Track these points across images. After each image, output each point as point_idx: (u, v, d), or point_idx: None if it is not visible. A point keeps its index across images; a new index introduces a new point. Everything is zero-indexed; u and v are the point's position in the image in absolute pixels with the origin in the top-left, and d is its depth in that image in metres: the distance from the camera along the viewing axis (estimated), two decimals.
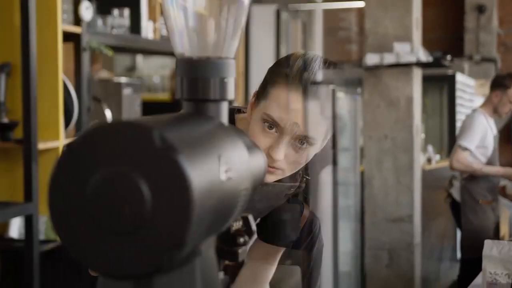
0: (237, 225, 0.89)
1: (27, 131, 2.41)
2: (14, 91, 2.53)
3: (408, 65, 5.35)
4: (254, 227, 0.91)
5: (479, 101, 8.49)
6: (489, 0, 9.53)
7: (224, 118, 0.84)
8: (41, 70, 2.53)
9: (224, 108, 0.85)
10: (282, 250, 1.40)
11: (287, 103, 1.26)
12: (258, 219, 1.32)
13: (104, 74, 4.92)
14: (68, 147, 0.67)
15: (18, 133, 2.50)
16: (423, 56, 5.47)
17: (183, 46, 0.85)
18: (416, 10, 5.63)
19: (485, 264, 2.02)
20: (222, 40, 0.85)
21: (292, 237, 1.36)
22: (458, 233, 5.17)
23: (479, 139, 4.48)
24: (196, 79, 0.83)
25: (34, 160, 2.40)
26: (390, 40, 5.43)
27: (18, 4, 2.47)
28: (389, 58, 5.33)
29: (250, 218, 0.89)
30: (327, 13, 8.82)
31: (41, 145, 2.50)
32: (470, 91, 7.87)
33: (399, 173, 4.98)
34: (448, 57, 5.91)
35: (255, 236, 0.90)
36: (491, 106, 4.58)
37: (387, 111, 4.97)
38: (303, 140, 1.27)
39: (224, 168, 0.73)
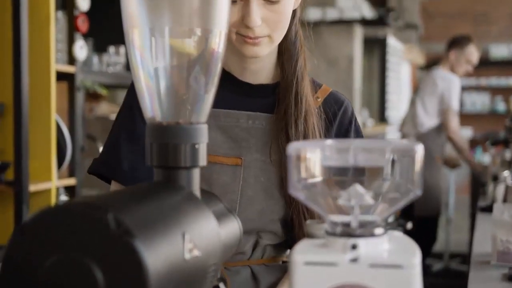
0: None
1: (18, 174, 2.38)
2: (6, 131, 2.51)
3: (350, 22, 5.21)
4: None
5: (406, 66, 8.51)
6: None
7: (196, 185, 0.81)
8: (34, 110, 2.51)
9: (196, 175, 0.81)
10: None
11: None
12: None
13: (104, 107, 4.90)
14: (20, 228, 0.63)
15: (9, 174, 2.47)
16: (367, 11, 5.36)
17: (154, 110, 0.82)
18: None
19: (495, 230, 1.79)
20: (193, 104, 0.82)
21: None
22: None
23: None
24: (166, 145, 0.79)
25: (25, 203, 2.37)
26: None
27: (11, 43, 2.46)
28: (332, 13, 5.21)
29: (222, 286, 0.85)
30: None
31: (33, 187, 2.46)
32: (399, 56, 7.81)
33: None
34: (392, 14, 5.79)
35: None
36: (449, 67, 4.59)
37: (326, 71, 4.77)
38: None
39: (189, 246, 0.69)
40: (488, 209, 2.92)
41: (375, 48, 7.01)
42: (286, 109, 1.25)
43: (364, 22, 5.30)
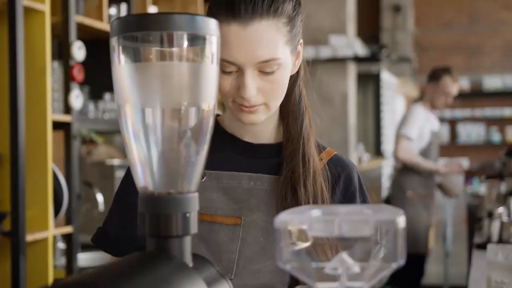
0: None
1: (15, 224, 2.40)
2: (3, 182, 2.53)
3: (343, 60, 5.26)
4: None
5: (400, 99, 8.59)
6: (404, 0, 9.61)
7: (187, 252, 0.83)
8: (30, 160, 2.54)
9: (187, 242, 0.84)
10: None
11: (232, 37, 1.13)
12: None
13: (102, 149, 4.92)
14: None
15: (6, 224, 2.48)
16: (360, 49, 5.42)
17: (146, 180, 0.85)
18: (350, 1, 5.55)
19: (490, 271, 1.82)
20: (184, 174, 0.85)
21: None
22: None
23: (418, 130, 4.47)
24: (158, 215, 0.82)
25: (22, 254, 2.38)
26: (325, 33, 5.35)
27: (8, 94, 2.49)
28: (325, 52, 5.28)
29: None
30: None
31: (30, 237, 2.47)
32: (393, 89, 7.86)
33: None
34: (385, 51, 5.85)
35: None
36: (429, 100, 4.59)
37: (321, 108, 4.74)
38: (267, 65, 1.15)
39: None
40: (484, 246, 2.92)
41: (369, 83, 7.08)
42: (294, 169, 1.24)
43: (357, 59, 5.37)
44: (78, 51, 2.76)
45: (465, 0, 9.99)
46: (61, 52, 2.87)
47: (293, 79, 1.27)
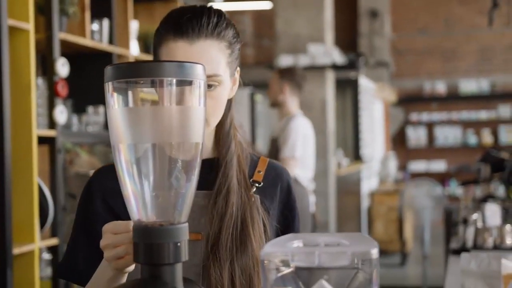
0: None
1: (1, 238, 2.44)
2: None
3: (321, 68, 5.27)
4: None
5: (378, 104, 8.71)
6: (381, 5, 9.74)
7: (178, 278, 0.90)
8: (16, 174, 2.58)
9: (179, 269, 0.91)
10: None
11: (179, 53, 1.23)
12: None
13: (85, 158, 4.94)
14: None
15: None
16: (338, 57, 5.46)
17: (139, 213, 0.91)
18: (328, 10, 5.60)
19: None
20: (174, 206, 0.92)
21: None
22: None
23: None
24: (151, 245, 0.89)
25: (9, 267, 2.42)
26: (303, 41, 5.38)
27: None
28: (304, 60, 5.28)
29: None
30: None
31: (16, 250, 2.52)
32: (371, 94, 7.97)
33: (314, 178, 4.64)
34: (362, 59, 5.91)
35: None
36: None
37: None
38: (210, 80, 1.22)
39: None
40: (459, 251, 2.99)
41: (347, 88, 7.18)
42: (227, 200, 1.29)
43: (335, 67, 5.46)
44: (62, 67, 2.81)
45: (441, 5, 10.14)
46: (45, 68, 2.92)
47: (228, 106, 1.34)
